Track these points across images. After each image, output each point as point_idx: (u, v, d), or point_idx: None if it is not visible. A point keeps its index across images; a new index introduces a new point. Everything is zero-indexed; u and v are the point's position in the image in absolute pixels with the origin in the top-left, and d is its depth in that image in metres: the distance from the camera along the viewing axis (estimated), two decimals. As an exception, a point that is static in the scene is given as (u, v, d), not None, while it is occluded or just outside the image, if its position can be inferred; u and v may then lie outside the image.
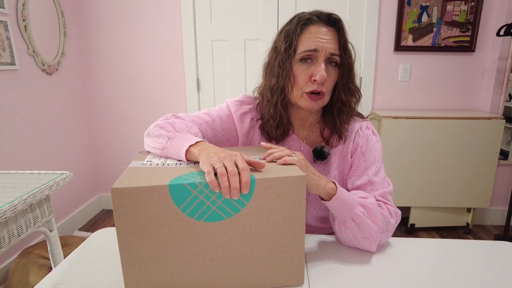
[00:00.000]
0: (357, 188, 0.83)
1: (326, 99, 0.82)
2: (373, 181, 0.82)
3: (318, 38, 0.77)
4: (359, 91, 0.86)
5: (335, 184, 0.73)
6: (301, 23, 0.79)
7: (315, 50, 0.77)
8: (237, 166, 0.57)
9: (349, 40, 0.82)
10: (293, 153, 0.69)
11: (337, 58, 0.79)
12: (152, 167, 0.63)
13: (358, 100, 0.87)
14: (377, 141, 0.88)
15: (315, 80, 0.77)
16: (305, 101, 0.80)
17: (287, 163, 0.64)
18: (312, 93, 0.79)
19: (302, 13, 0.82)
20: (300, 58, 0.79)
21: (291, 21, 0.82)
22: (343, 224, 0.74)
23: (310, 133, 0.91)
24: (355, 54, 0.83)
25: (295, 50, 0.79)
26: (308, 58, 0.79)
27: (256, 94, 0.93)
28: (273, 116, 0.85)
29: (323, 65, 0.77)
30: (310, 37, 0.78)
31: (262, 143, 0.74)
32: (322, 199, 0.74)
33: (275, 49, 0.84)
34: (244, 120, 0.89)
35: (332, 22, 0.79)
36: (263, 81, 0.89)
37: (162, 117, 0.83)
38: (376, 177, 0.82)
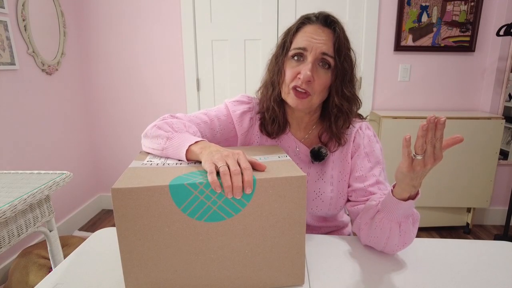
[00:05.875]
0: (364, 188, 0.83)
1: (314, 100, 0.80)
2: (380, 181, 0.83)
3: (310, 38, 0.77)
4: (357, 98, 0.84)
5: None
6: (299, 21, 0.81)
7: (304, 49, 0.78)
8: (239, 165, 0.57)
9: (350, 46, 0.81)
10: None
11: (330, 60, 0.78)
12: (152, 167, 0.63)
13: (358, 108, 0.86)
14: (377, 142, 0.88)
15: (299, 78, 0.78)
16: (291, 98, 0.80)
17: None
18: (296, 89, 0.79)
19: (308, 13, 0.83)
20: (291, 55, 0.80)
21: (296, 19, 0.83)
22: (387, 222, 0.69)
23: (307, 134, 0.91)
24: (355, 58, 0.82)
25: (288, 47, 0.81)
26: (300, 56, 0.79)
27: (258, 93, 0.93)
28: (267, 110, 0.87)
29: (310, 65, 0.76)
30: (303, 35, 0.79)
31: None
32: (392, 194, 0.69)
33: (277, 45, 0.86)
34: (243, 119, 0.89)
35: (329, 23, 0.79)
36: (265, 75, 0.90)
37: (159, 117, 0.83)
38: (381, 177, 0.83)
